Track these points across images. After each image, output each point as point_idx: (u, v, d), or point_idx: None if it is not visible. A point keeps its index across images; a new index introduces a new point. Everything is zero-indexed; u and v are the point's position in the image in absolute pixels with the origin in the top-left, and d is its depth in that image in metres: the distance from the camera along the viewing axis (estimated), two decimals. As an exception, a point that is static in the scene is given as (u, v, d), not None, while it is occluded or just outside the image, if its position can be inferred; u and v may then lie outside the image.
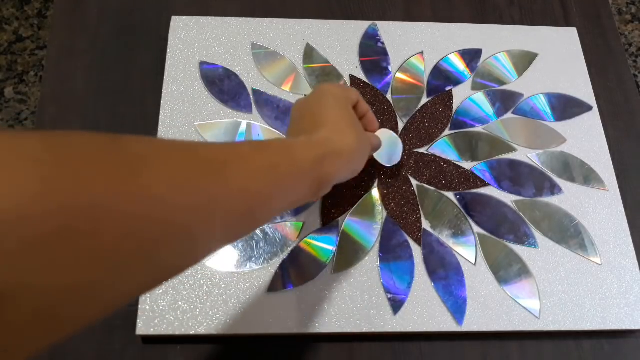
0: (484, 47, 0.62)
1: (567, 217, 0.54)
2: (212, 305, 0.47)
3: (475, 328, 0.48)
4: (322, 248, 0.50)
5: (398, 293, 0.49)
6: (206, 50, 0.58)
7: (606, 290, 0.51)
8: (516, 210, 0.54)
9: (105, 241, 0.20)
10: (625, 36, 1.50)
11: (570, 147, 0.57)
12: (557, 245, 0.52)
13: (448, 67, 0.60)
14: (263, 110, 0.56)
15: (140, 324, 0.46)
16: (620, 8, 1.53)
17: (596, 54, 0.64)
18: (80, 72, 0.58)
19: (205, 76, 0.57)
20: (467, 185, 0.54)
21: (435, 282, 0.49)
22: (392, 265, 0.50)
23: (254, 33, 0.60)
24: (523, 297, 0.49)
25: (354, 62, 0.59)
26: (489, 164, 0.56)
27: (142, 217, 0.22)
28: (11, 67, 1.33)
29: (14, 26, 1.37)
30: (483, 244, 0.52)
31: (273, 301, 0.47)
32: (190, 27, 0.59)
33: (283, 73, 0.58)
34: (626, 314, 0.50)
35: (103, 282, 0.21)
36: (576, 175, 0.56)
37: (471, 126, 0.57)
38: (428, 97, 0.59)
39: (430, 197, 0.53)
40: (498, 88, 0.60)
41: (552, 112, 0.59)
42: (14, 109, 1.29)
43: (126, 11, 0.62)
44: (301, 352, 0.48)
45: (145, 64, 0.59)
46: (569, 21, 0.66)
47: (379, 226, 0.52)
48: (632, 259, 0.52)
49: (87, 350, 0.47)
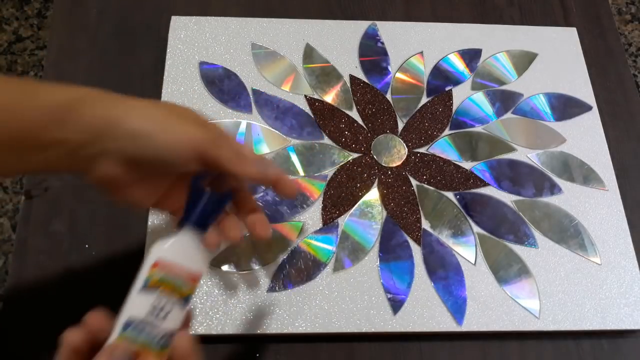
0: (484, 47, 0.62)
1: (567, 217, 0.54)
2: (212, 305, 0.47)
3: (475, 328, 0.48)
4: (322, 248, 0.50)
5: (398, 293, 0.49)
6: (206, 50, 0.58)
7: (606, 290, 0.51)
8: (516, 210, 0.54)
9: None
10: (625, 36, 1.50)
11: (570, 147, 0.57)
12: (556, 245, 0.52)
13: (448, 67, 0.60)
14: (263, 110, 0.56)
15: (140, 324, 0.46)
16: (620, 8, 1.53)
17: (596, 54, 0.64)
18: (80, 72, 0.58)
19: (205, 76, 0.57)
20: (467, 185, 0.54)
21: (435, 282, 0.49)
22: (392, 265, 0.50)
23: (253, 33, 0.60)
24: (523, 297, 0.50)
25: (353, 62, 0.59)
26: (489, 164, 0.56)
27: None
28: (11, 67, 1.33)
29: (13, 26, 1.37)
30: (483, 244, 0.52)
31: (273, 301, 0.47)
32: (190, 27, 0.59)
33: (283, 73, 0.58)
34: (626, 314, 0.50)
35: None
36: (576, 175, 0.56)
37: (471, 126, 0.57)
38: (428, 97, 0.59)
39: (430, 197, 0.53)
40: (498, 88, 0.60)
41: (552, 112, 0.59)
42: (13, 109, 1.29)
43: (126, 11, 0.62)
44: (301, 352, 0.48)
45: (145, 64, 0.59)
46: (569, 21, 0.66)
47: (378, 226, 0.52)
48: (631, 259, 0.52)
49: (87, 350, 0.46)
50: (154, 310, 0.32)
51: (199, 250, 0.35)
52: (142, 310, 0.31)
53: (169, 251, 0.33)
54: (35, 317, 0.47)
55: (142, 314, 0.31)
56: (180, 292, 0.33)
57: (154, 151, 0.34)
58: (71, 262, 0.49)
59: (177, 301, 0.32)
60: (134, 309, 0.31)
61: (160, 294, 0.32)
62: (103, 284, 0.49)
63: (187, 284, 0.33)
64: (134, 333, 0.31)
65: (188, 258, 0.34)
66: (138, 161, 0.35)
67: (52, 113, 0.33)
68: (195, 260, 0.34)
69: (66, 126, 0.33)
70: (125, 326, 0.31)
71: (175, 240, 0.34)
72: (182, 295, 0.33)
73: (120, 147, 0.34)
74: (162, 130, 0.34)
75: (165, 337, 0.32)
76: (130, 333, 0.31)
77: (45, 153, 0.34)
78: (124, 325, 0.31)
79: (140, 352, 0.31)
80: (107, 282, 0.49)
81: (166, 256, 0.33)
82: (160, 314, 0.32)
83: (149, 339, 0.31)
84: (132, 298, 0.32)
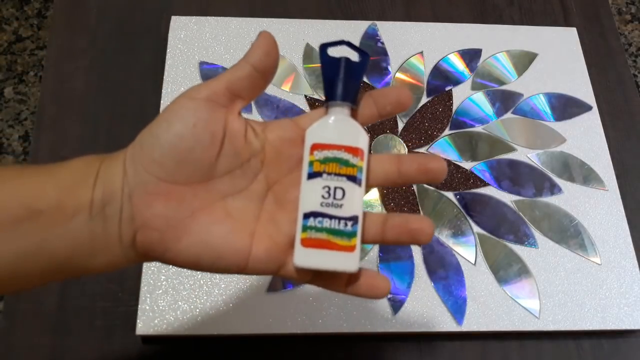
0: (484, 47, 0.62)
1: (567, 217, 0.54)
2: (212, 305, 0.47)
3: (475, 328, 0.48)
4: (322, 248, 0.50)
5: (398, 293, 0.49)
6: (206, 50, 0.58)
7: (606, 290, 0.51)
8: (516, 210, 0.54)
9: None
10: (625, 36, 1.50)
11: (570, 147, 0.57)
12: (557, 245, 0.52)
13: (448, 67, 0.60)
14: (263, 110, 0.56)
15: (140, 324, 0.46)
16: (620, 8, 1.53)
17: (596, 54, 0.64)
18: (80, 72, 0.58)
19: (205, 76, 0.57)
20: (467, 185, 0.54)
21: (435, 282, 0.50)
22: (392, 265, 0.50)
23: (253, 33, 0.60)
24: (523, 297, 0.50)
25: (353, 62, 0.59)
26: (489, 163, 0.56)
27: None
28: (11, 67, 1.33)
29: (13, 26, 1.37)
30: (483, 243, 0.52)
31: (273, 301, 0.47)
32: (190, 27, 0.59)
33: (283, 73, 0.58)
34: (626, 314, 0.50)
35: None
36: (576, 175, 0.56)
37: (471, 126, 0.57)
38: (428, 97, 0.59)
39: (430, 197, 0.53)
40: (498, 88, 0.60)
41: (552, 112, 0.59)
42: (13, 109, 1.29)
43: (126, 11, 0.62)
44: (301, 352, 0.48)
45: (145, 64, 0.59)
46: (569, 21, 0.66)
47: (378, 226, 0.52)
48: (631, 259, 0.52)
49: (87, 350, 0.47)
50: (328, 195, 0.30)
51: (353, 125, 0.32)
52: (316, 198, 0.30)
53: (322, 131, 0.31)
54: (35, 317, 0.47)
55: (317, 202, 0.30)
56: (347, 169, 0.30)
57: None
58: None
59: (349, 179, 0.30)
60: (308, 199, 0.30)
61: (327, 176, 0.30)
62: (103, 283, 0.49)
63: (352, 159, 0.31)
64: (316, 224, 0.29)
65: (344, 134, 0.31)
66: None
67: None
68: (353, 135, 0.31)
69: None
70: (305, 219, 0.30)
71: (325, 119, 0.31)
72: (351, 172, 0.30)
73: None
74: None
75: (353, 221, 0.30)
76: (312, 225, 0.29)
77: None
78: (301, 218, 0.30)
79: (328, 242, 0.29)
80: (107, 280, 0.49)
81: (323, 137, 0.31)
82: (334, 197, 0.30)
83: (333, 228, 0.30)
84: (303, 188, 0.30)
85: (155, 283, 0.47)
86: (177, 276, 0.48)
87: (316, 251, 0.29)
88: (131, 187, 0.28)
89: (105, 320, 0.47)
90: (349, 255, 0.29)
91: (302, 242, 0.29)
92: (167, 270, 0.48)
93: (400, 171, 0.31)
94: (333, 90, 0.31)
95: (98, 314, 0.48)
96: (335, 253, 0.29)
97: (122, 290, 0.48)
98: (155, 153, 0.28)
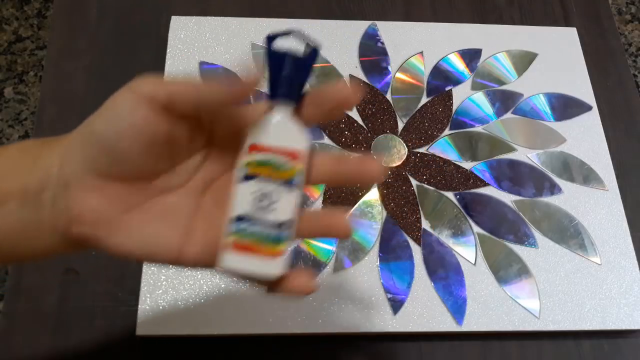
0: (484, 47, 0.62)
1: (567, 217, 0.54)
2: (212, 306, 0.47)
3: (475, 328, 0.48)
4: (322, 248, 0.50)
5: (398, 293, 0.49)
6: (206, 50, 0.58)
7: (606, 290, 0.51)
8: (516, 210, 0.54)
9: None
10: (625, 36, 1.50)
11: (570, 147, 0.57)
12: (556, 245, 0.52)
13: (448, 67, 0.60)
14: (263, 110, 0.56)
15: (140, 324, 0.46)
16: (620, 8, 1.53)
17: (596, 54, 0.64)
18: (80, 72, 0.58)
19: (205, 76, 0.57)
20: (467, 185, 0.54)
21: (435, 282, 0.50)
22: (391, 265, 0.50)
23: (253, 33, 0.59)
24: (523, 297, 0.50)
25: (353, 62, 0.59)
26: (489, 163, 0.56)
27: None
28: (11, 67, 1.33)
29: (13, 26, 1.37)
30: (483, 243, 0.52)
31: (273, 301, 0.47)
32: (190, 27, 0.59)
33: (283, 73, 0.58)
34: (626, 314, 0.50)
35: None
36: (576, 175, 0.56)
37: (471, 126, 0.57)
38: (428, 97, 0.59)
39: (430, 197, 0.53)
40: (498, 88, 0.60)
41: (552, 112, 0.59)
42: (13, 109, 1.29)
43: (126, 11, 0.62)
44: (301, 352, 0.48)
45: (145, 64, 0.59)
46: (569, 21, 0.66)
47: (378, 226, 0.52)
48: (631, 259, 0.52)
49: (87, 350, 0.47)
50: (260, 199, 0.29)
51: (295, 126, 0.30)
52: (247, 201, 0.29)
53: (262, 132, 0.30)
54: (35, 317, 0.47)
55: (248, 205, 0.29)
56: (281, 174, 0.29)
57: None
58: (71, 261, 0.49)
59: (283, 184, 0.29)
60: (239, 202, 0.29)
61: (260, 179, 0.29)
62: (103, 283, 0.49)
63: (288, 163, 0.29)
64: (243, 227, 0.29)
65: (285, 136, 0.30)
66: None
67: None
68: (293, 137, 0.30)
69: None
70: (233, 222, 0.29)
71: (267, 119, 0.30)
72: (285, 177, 0.29)
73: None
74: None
75: (282, 227, 0.29)
76: (239, 228, 0.28)
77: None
78: (230, 221, 0.29)
79: (254, 247, 0.28)
80: (107, 280, 0.49)
81: (261, 138, 0.30)
82: (265, 201, 0.29)
83: (261, 233, 0.29)
84: (235, 191, 0.29)
85: (155, 283, 0.47)
86: (177, 276, 0.48)
87: (240, 255, 0.29)
88: (67, 177, 0.27)
89: (105, 320, 0.47)
90: (273, 261, 0.29)
91: (228, 245, 0.29)
92: (167, 270, 0.48)
93: (338, 172, 0.30)
94: (276, 88, 0.30)
95: (98, 314, 0.48)
96: (260, 257, 0.29)
97: (122, 290, 0.48)
98: (93, 149, 0.27)
